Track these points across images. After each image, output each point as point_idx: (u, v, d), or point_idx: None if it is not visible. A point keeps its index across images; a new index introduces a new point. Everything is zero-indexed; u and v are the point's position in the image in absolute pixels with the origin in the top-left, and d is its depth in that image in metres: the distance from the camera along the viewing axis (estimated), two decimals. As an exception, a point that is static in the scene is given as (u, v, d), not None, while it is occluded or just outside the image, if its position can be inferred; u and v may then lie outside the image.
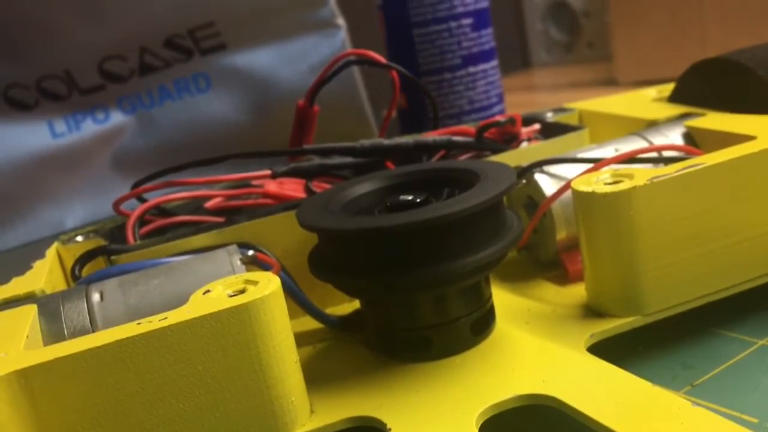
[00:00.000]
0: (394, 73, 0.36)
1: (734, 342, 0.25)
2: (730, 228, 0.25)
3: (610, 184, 0.24)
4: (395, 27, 0.54)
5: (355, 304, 0.27)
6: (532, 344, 0.24)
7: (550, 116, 0.37)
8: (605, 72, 0.80)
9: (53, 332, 0.22)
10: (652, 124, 0.32)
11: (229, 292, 0.21)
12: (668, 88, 0.36)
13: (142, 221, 0.30)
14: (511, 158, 0.30)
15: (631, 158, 0.27)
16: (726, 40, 0.64)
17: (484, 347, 0.24)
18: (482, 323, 0.25)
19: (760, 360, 0.23)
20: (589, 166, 0.27)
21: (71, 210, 0.53)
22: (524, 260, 0.30)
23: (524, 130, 0.33)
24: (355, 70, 0.57)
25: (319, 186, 0.32)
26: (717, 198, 0.24)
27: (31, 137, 0.52)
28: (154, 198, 0.30)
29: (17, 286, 0.25)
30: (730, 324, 0.26)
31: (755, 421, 0.20)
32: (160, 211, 0.32)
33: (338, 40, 0.56)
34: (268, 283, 0.20)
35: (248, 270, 0.23)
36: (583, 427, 0.20)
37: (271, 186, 0.32)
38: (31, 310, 0.22)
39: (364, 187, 0.27)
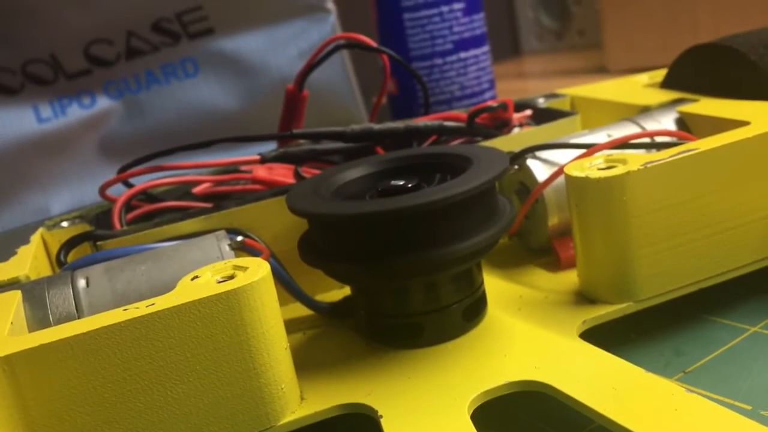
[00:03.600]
0: (385, 57, 0.35)
1: (726, 329, 0.25)
2: (724, 214, 0.24)
3: (603, 169, 0.24)
4: (386, 11, 0.53)
5: (346, 291, 0.27)
6: (524, 331, 0.24)
7: (541, 102, 0.37)
8: (596, 59, 0.80)
9: (38, 318, 0.21)
10: (645, 110, 0.32)
11: (218, 278, 0.20)
12: (660, 74, 0.36)
13: (128, 207, 0.30)
14: (502, 144, 0.30)
15: (624, 144, 0.27)
16: (717, 26, 0.64)
17: (475, 334, 0.24)
18: (474, 310, 0.24)
19: (752, 346, 0.23)
20: (582, 151, 0.27)
21: (57, 195, 0.52)
22: (516, 247, 0.30)
23: (516, 116, 0.33)
24: (345, 54, 0.56)
25: (309, 171, 0.31)
26: (710, 184, 0.24)
27: (16, 122, 0.51)
28: (141, 183, 0.30)
29: (1, 271, 0.25)
30: (722, 311, 0.26)
31: (749, 408, 0.20)
32: (147, 196, 0.31)
33: (328, 25, 0.56)
34: (258, 269, 0.20)
35: (237, 256, 0.23)
36: (575, 414, 0.20)
37: (260, 171, 0.32)
38: (16, 296, 0.21)
39: (355, 172, 0.26)
